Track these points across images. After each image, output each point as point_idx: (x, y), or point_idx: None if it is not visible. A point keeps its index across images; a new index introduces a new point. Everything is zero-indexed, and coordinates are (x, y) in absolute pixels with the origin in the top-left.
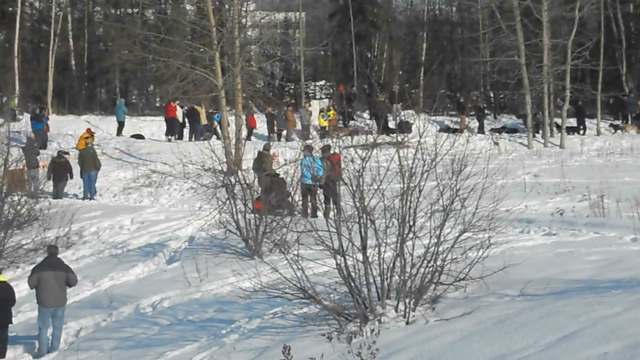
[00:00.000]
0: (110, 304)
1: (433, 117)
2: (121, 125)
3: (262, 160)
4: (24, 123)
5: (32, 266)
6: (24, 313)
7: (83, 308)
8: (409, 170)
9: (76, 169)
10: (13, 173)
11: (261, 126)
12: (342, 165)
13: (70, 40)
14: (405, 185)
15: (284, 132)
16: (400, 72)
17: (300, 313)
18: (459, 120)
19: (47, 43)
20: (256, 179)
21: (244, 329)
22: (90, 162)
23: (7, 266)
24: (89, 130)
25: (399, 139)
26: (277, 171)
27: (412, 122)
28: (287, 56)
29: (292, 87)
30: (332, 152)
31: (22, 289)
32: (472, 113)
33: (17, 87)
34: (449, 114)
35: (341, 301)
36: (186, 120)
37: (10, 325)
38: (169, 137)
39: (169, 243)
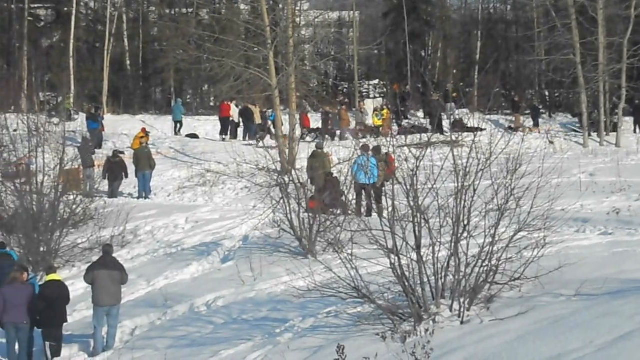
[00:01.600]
0: (165, 303)
1: (488, 116)
2: (179, 124)
3: (316, 159)
4: (80, 123)
5: (88, 265)
6: (80, 312)
7: (138, 307)
8: (464, 169)
9: (131, 169)
10: (69, 172)
11: (315, 125)
12: (396, 165)
13: (125, 40)
14: (460, 184)
15: (338, 132)
16: (455, 71)
17: (354, 312)
18: (514, 119)
19: (102, 43)
20: (310, 178)
21: (298, 328)
22: (145, 161)
23: (63, 265)
24: (143, 129)
25: (454, 137)
26: (331, 170)
27: (466, 121)
28: (341, 55)
29: (346, 86)
30: (384, 152)
31: (77, 287)
32: (527, 112)
33: (72, 87)
34: (504, 112)
35: (395, 300)
36: (240, 119)
37: (65, 324)
38: (223, 136)
39: (223, 242)
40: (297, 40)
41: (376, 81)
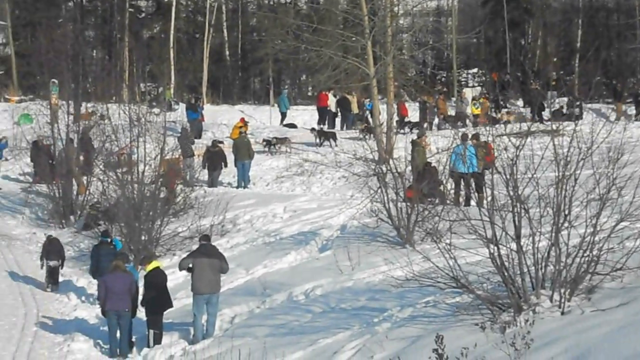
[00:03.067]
0: (264, 292)
1: (589, 105)
2: (283, 116)
3: (415, 149)
4: (180, 113)
5: (187, 253)
6: (180, 300)
7: (237, 295)
8: (564, 159)
9: (230, 158)
10: (169, 162)
11: (412, 115)
12: (495, 154)
13: (225, 31)
14: (561, 173)
15: (435, 121)
16: (555, 59)
17: (453, 302)
18: (615, 107)
19: (202, 34)
20: (409, 167)
21: (396, 317)
22: (244, 151)
23: (164, 254)
24: (242, 119)
25: (554, 127)
26: (429, 159)
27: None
28: (439, 44)
29: (444, 75)
30: (482, 140)
31: (178, 276)
32: (629, 100)
33: (172, 78)
34: (605, 101)
35: (494, 291)
36: (338, 109)
37: (165, 312)
38: (321, 126)
39: (321, 231)
40: (395, 29)
41: (475, 70)
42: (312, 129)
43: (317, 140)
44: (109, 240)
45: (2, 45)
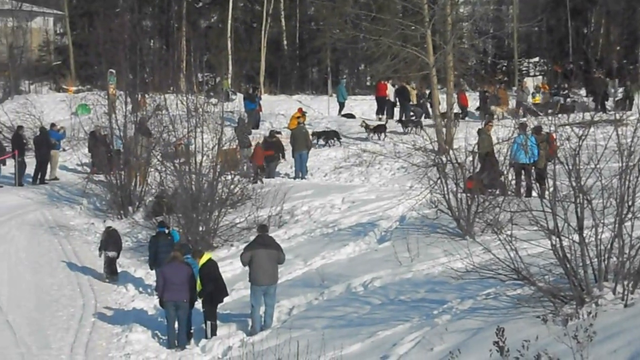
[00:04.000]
0: (322, 283)
1: None
2: (341, 106)
3: (481, 137)
4: (237, 103)
5: (245, 245)
6: (238, 291)
7: (295, 286)
8: (628, 149)
9: (288, 149)
10: (227, 153)
11: (472, 104)
12: (557, 144)
13: (282, 20)
14: (624, 164)
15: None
16: (618, 48)
17: (514, 294)
18: None
19: (260, 23)
20: (469, 158)
21: (456, 309)
22: (302, 141)
23: (222, 244)
24: (300, 109)
25: (618, 116)
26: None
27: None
28: (500, 33)
29: (505, 64)
30: (544, 131)
31: (235, 267)
32: None
33: (230, 68)
34: None
35: (556, 283)
36: (397, 99)
37: (220, 304)
38: (380, 116)
39: (379, 222)
40: (455, 17)
41: (536, 59)
42: (362, 123)
43: (368, 135)
44: (166, 231)
45: (59, 36)
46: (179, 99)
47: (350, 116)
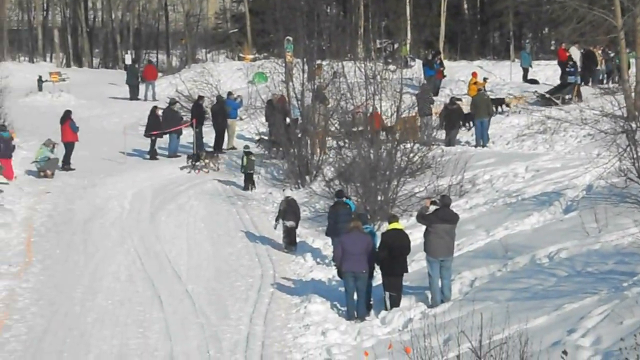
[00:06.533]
0: (505, 254)
1: None
2: (525, 71)
3: None
4: (416, 69)
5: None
6: (418, 262)
7: (477, 257)
8: None
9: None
10: (406, 120)
11: None
12: None
13: None
14: None
15: None
16: None
17: None
18: None
19: None
20: None
21: None
22: (483, 108)
23: (401, 214)
24: (474, 74)
25: None
26: None
27: None
28: None
29: None
30: None
31: (415, 237)
32: None
33: (408, 33)
34: None
35: None
36: (583, 64)
37: (404, 274)
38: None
39: (565, 192)
40: None
41: None
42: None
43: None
44: (343, 200)
45: (236, 3)
46: (357, 65)
47: (534, 82)
